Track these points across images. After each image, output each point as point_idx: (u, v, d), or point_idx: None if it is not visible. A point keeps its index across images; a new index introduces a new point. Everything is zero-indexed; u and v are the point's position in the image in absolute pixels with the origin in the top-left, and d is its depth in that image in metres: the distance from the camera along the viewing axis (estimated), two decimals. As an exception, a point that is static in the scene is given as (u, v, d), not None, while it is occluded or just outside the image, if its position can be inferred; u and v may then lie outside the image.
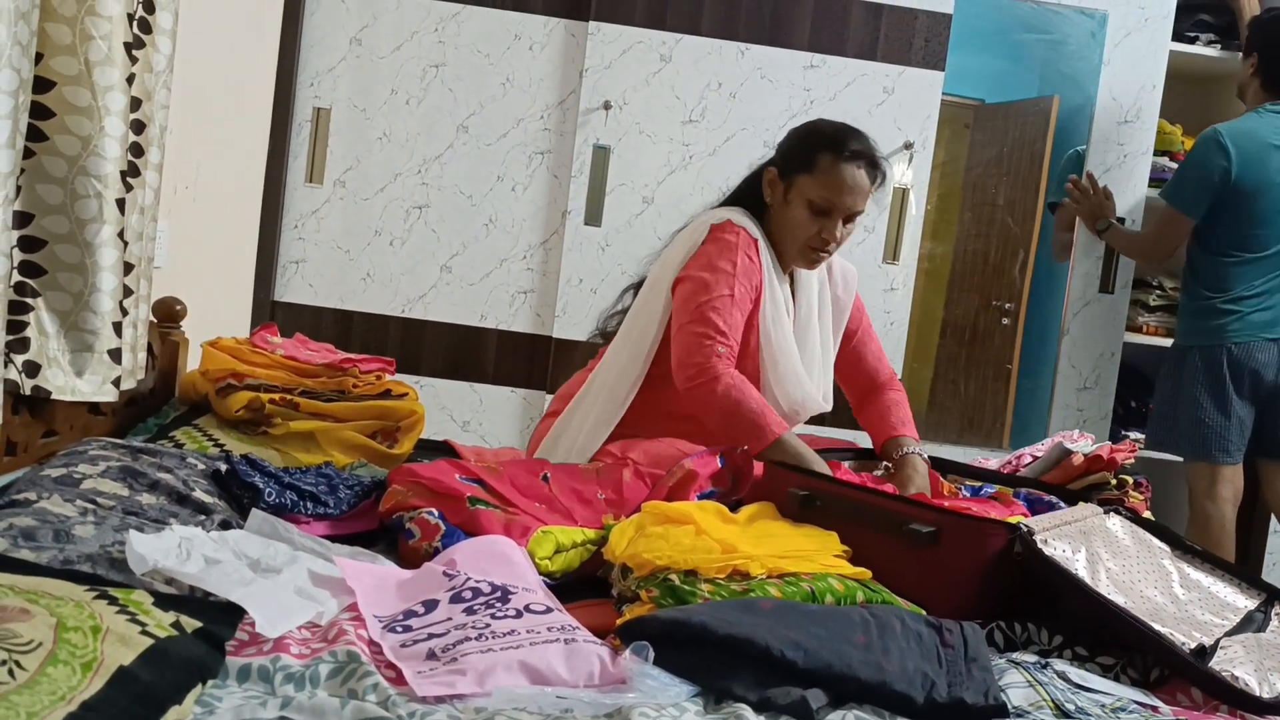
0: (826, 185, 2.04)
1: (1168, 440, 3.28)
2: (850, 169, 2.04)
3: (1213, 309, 3.12)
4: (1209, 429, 3.11)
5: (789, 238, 2.10)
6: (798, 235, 2.08)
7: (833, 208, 2.05)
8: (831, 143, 2.06)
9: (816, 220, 2.05)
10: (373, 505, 1.86)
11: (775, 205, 2.11)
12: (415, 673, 1.20)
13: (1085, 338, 3.66)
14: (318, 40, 3.51)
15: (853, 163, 2.04)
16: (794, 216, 2.07)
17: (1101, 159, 3.61)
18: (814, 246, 2.08)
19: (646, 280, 2.18)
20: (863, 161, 2.06)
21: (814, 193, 2.05)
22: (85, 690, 1.00)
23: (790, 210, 2.08)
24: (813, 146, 2.07)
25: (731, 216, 2.07)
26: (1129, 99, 3.59)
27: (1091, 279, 3.65)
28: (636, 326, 2.12)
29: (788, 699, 1.22)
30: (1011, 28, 3.88)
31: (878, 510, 1.68)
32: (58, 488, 1.54)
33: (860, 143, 2.07)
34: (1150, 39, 3.58)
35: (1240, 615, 1.58)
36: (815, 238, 2.07)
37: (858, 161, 2.05)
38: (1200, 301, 3.16)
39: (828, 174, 2.04)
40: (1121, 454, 2.18)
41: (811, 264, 2.13)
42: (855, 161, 2.05)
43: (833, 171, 2.04)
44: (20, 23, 1.68)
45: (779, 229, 2.11)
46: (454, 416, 3.60)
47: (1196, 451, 3.16)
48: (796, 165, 2.08)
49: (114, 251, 1.95)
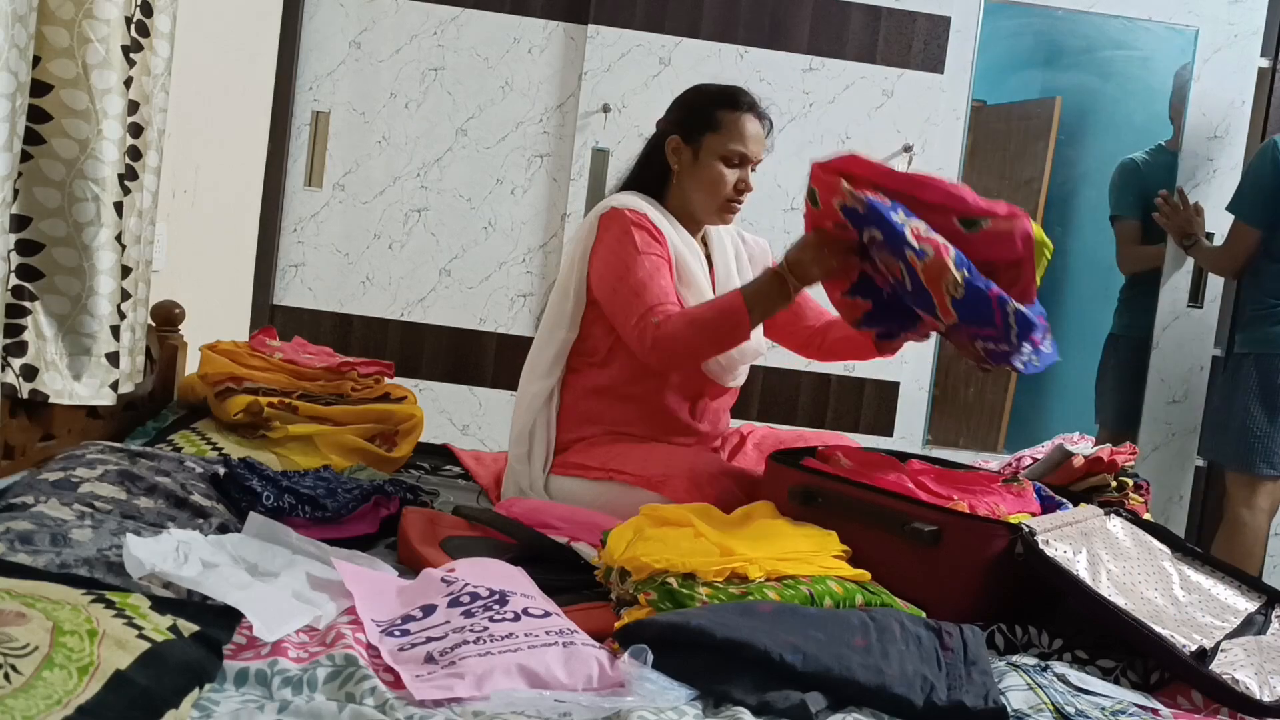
0: (735, 137, 2.13)
1: (1216, 447, 3.26)
2: (749, 119, 2.15)
3: (1271, 315, 3.09)
4: (1255, 439, 3.07)
5: (706, 196, 2.16)
6: (717, 190, 2.15)
7: (743, 157, 2.14)
8: (727, 99, 2.16)
9: (732, 172, 2.14)
10: (371, 509, 1.86)
11: (684, 169, 2.17)
12: (413, 676, 1.20)
13: (1175, 351, 3.67)
14: (317, 44, 3.51)
15: (750, 113, 2.15)
16: (710, 173, 2.14)
17: (1191, 174, 3.62)
18: (730, 198, 2.16)
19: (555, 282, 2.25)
20: (757, 112, 2.17)
21: (724, 147, 2.13)
22: (81, 694, 1.00)
23: (703, 169, 2.15)
24: (710, 106, 2.16)
25: (614, 202, 2.14)
26: (1218, 114, 3.61)
27: (1181, 293, 3.66)
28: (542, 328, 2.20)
29: (787, 702, 1.22)
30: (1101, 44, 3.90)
31: (879, 509, 1.68)
32: (55, 491, 1.54)
33: (750, 96, 2.18)
34: (1239, 55, 3.60)
35: (1240, 618, 1.58)
36: (731, 190, 2.15)
37: (754, 111, 2.16)
38: (1259, 308, 3.13)
39: (733, 127, 2.13)
40: (1121, 456, 2.18)
41: (728, 217, 2.20)
42: (751, 112, 2.16)
43: (737, 124, 2.13)
44: (18, 26, 1.68)
45: (692, 191, 2.17)
46: (453, 420, 3.60)
47: (1240, 461, 3.12)
48: (699, 126, 2.15)
49: (112, 255, 1.95)
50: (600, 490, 2.04)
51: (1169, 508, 3.70)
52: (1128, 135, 4.03)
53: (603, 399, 2.14)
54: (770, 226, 3.45)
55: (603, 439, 2.12)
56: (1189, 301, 3.66)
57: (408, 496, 1.94)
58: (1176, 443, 3.71)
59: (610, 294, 2.08)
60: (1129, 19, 3.68)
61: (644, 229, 2.09)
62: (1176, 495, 3.71)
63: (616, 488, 2.02)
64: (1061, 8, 3.68)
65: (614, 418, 2.13)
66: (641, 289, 2.03)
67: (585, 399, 2.16)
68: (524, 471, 2.15)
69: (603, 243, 2.10)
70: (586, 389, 2.16)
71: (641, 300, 2.03)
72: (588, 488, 2.06)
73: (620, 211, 2.11)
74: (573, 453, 2.13)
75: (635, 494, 1.94)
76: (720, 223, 2.22)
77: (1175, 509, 3.71)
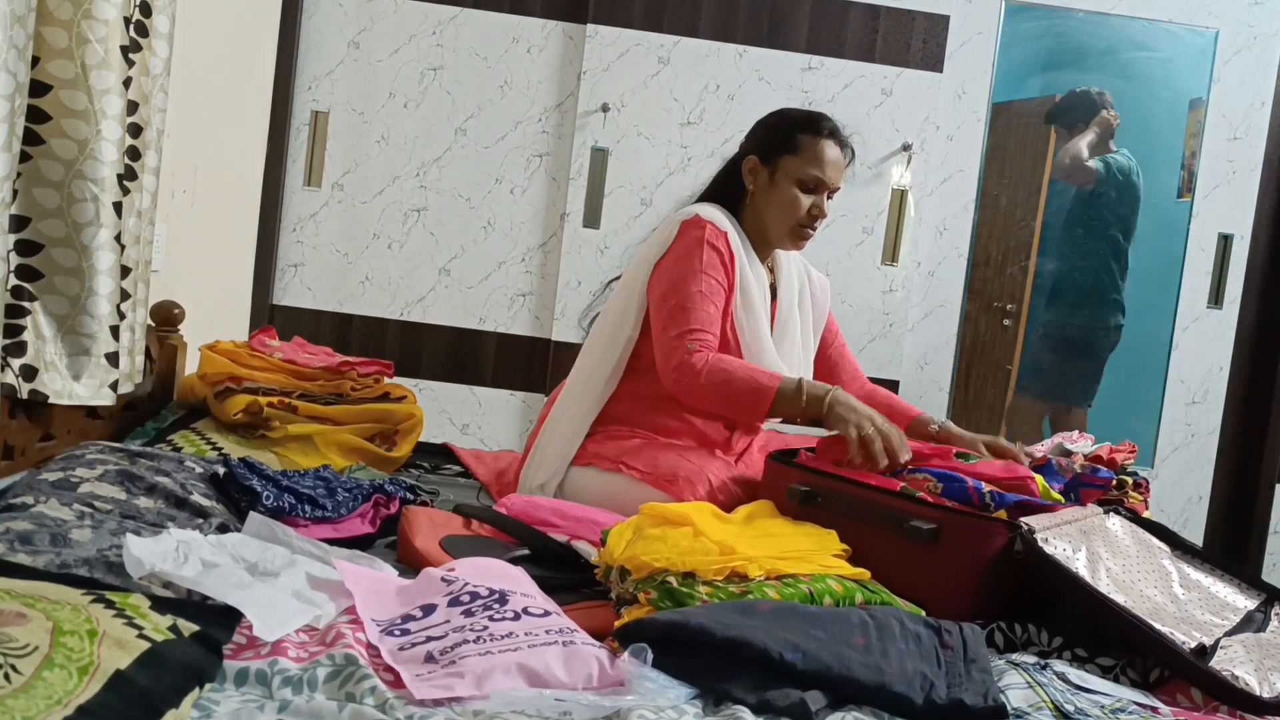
0: (813, 162, 2.12)
1: None
2: (831, 145, 2.14)
3: None
4: None
5: (778, 219, 2.15)
6: (789, 214, 2.14)
7: (820, 183, 2.13)
8: (808, 124, 2.16)
9: (806, 197, 2.13)
10: (371, 508, 1.85)
11: (760, 191, 2.17)
12: (413, 676, 1.19)
13: (1194, 352, 3.68)
14: (316, 44, 3.51)
15: (831, 139, 2.15)
16: (784, 196, 2.14)
17: (1211, 175, 3.63)
18: (803, 224, 2.15)
19: (621, 277, 2.22)
20: (838, 139, 2.16)
21: (801, 170, 2.13)
22: (81, 694, 1.00)
23: (778, 191, 2.14)
24: (790, 129, 2.16)
25: (700, 211, 2.12)
26: (1238, 116, 3.62)
27: (1200, 294, 3.67)
28: (608, 324, 2.17)
29: (786, 701, 1.22)
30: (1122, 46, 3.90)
31: (878, 507, 1.68)
32: (55, 491, 1.54)
33: (830, 121, 2.17)
34: (1260, 56, 3.62)
35: (1240, 615, 1.58)
36: (805, 215, 2.14)
37: (835, 138, 2.16)
38: None
39: (812, 151, 2.13)
40: (1121, 455, 2.18)
41: (799, 243, 2.19)
42: (833, 138, 2.15)
43: (816, 148, 2.13)
44: (16, 26, 1.68)
45: (765, 212, 2.17)
46: (453, 419, 3.60)
47: None
48: (778, 148, 2.15)
49: (111, 255, 1.95)
50: (609, 481, 2.03)
51: (1188, 508, 3.72)
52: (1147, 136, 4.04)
53: (641, 404, 2.13)
54: (769, 225, 3.46)
55: (625, 435, 2.11)
56: (1208, 303, 3.67)
57: (407, 496, 1.94)
58: (1196, 444, 3.72)
59: (659, 298, 2.07)
60: (1149, 20, 3.69)
61: (716, 249, 2.08)
62: (1196, 496, 3.72)
63: (624, 481, 2.00)
64: (1081, 10, 3.69)
65: (649, 424, 2.12)
66: (689, 307, 2.03)
67: (623, 402, 2.14)
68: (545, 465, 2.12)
69: (674, 249, 2.09)
70: (628, 394, 2.14)
71: (684, 318, 2.02)
72: (597, 478, 2.05)
73: (703, 223, 2.09)
74: (590, 443, 2.12)
75: (642, 490, 1.94)
76: (792, 247, 2.21)
77: (1194, 509, 3.72)
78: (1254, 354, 3.71)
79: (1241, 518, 3.68)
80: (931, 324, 3.70)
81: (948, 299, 3.70)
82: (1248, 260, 3.68)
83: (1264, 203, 3.68)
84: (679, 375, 2.00)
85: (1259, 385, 3.68)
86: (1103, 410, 3.94)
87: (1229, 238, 3.59)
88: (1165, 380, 3.70)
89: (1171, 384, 3.70)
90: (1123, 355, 4.03)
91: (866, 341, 3.57)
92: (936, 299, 3.69)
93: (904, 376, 3.64)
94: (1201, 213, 3.69)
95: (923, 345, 3.69)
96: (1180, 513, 3.71)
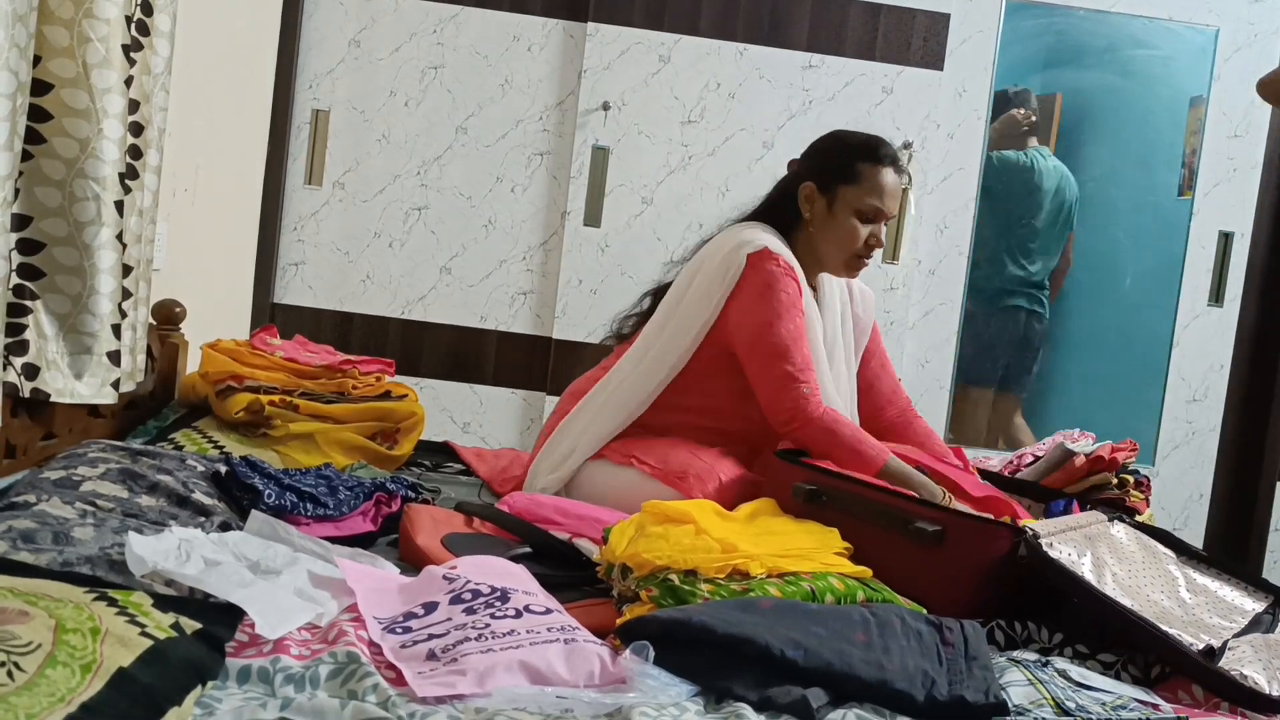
0: (872, 192, 2.08)
1: None
2: (890, 173, 2.10)
3: None
4: None
5: (835, 249, 2.11)
6: (846, 245, 2.10)
7: (879, 213, 2.09)
8: (867, 151, 2.11)
9: (865, 227, 2.09)
10: (372, 506, 1.86)
11: (817, 219, 2.12)
12: (415, 673, 1.20)
13: (1195, 350, 3.68)
14: (316, 42, 3.51)
15: (890, 167, 2.10)
16: (842, 227, 2.09)
17: (1211, 173, 3.63)
18: (860, 254, 2.12)
19: (671, 296, 2.13)
20: (897, 165, 2.12)
21: (861, 201, 2.08)
22: (84, 692, 1.00)
23: (836, 221, 2.10)
24: (849, 157, 2.11)
25: (767, 243, 2.04)
26: (1239, 113, 3.62)
27: (1201, 292, 3.67)
28: (657, 346, 2.09)
29: (788, 698, 1.22)
30: (1123, 44, 3.91)
31: (883, 507, 1.68)
32: (57, 490, 1.54)
33: (889, 147, 2.13)
34: (1260, 54, 3.63)
35: (1248, 618, 1.58)
36: (863, 246, 2.10)
37: (894, 165, 2.11)
38: None
39: (871, 180, 2.08)
40: (1122, 454, 2.18)
41: (854, 272, 2.16)
42: (892, 165, 2.11)
43: (876, 178, 2.08)
44: (18, 25, 1.68)
45: (822, 242, 2.12)
46: (454, 418, 3.60)
47: None
48: (836, 177, 2.10)
49: (113, 254, 1.95)
50: (619, 475, 2.02)
51: (1189, 506, 3.72)
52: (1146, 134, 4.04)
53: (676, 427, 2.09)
54: (770, 224, 3.45)
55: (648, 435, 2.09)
56: (1209, 301, 3.67)
57: (409, 494, 1.94)
58: (1196, 441, 3.72)
59: (750, 339, 2.00)
60: (1149, 18, 3.69)
61: (795, 282, 2.02)
62: (1197, 494, 3.72)
63: (635, 476, 1.99)
64: (1081, 8, 3.69)
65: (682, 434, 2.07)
66: (790, 346, 1.97)
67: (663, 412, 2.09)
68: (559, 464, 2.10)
69: (750, 284, 2.01)
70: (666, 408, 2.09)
71: (788, 358, 1.96)
72: (607, 471, 2.04)
73: (774, 255, 2.03)
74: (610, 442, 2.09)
75: (651, 485, 1.93)
76: (846, 276, 2.18)
77: (1195, 507, 3.72)
78: (1254, 352, 3.71)
79: (1242, 516, 3.68)
80: (932, 322, 3.70)
81: (948, 297, 3.70)
82: (1248, 258, 3.68)
83: (1264, 201, 3.68)
84: (790, 418, 1.94)
85: (1260, 383, 3.68)
86: (1103, 408, 3.94)
87: (1229, 235, 3.59)
88: (1166, 378, 3.70)
89: (1172, 382, 3.70)
90: (1123, 353, 4.04)
91: (867, 340, 3.57)
92: (937, 297, 3.69)
93: (905, 374, 3.63)
94: (1202, 211, 3.69)
95: (924, 343, 3.69)
96: (1181, 511, 3.71)
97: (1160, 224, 3.86)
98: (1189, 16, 3.64)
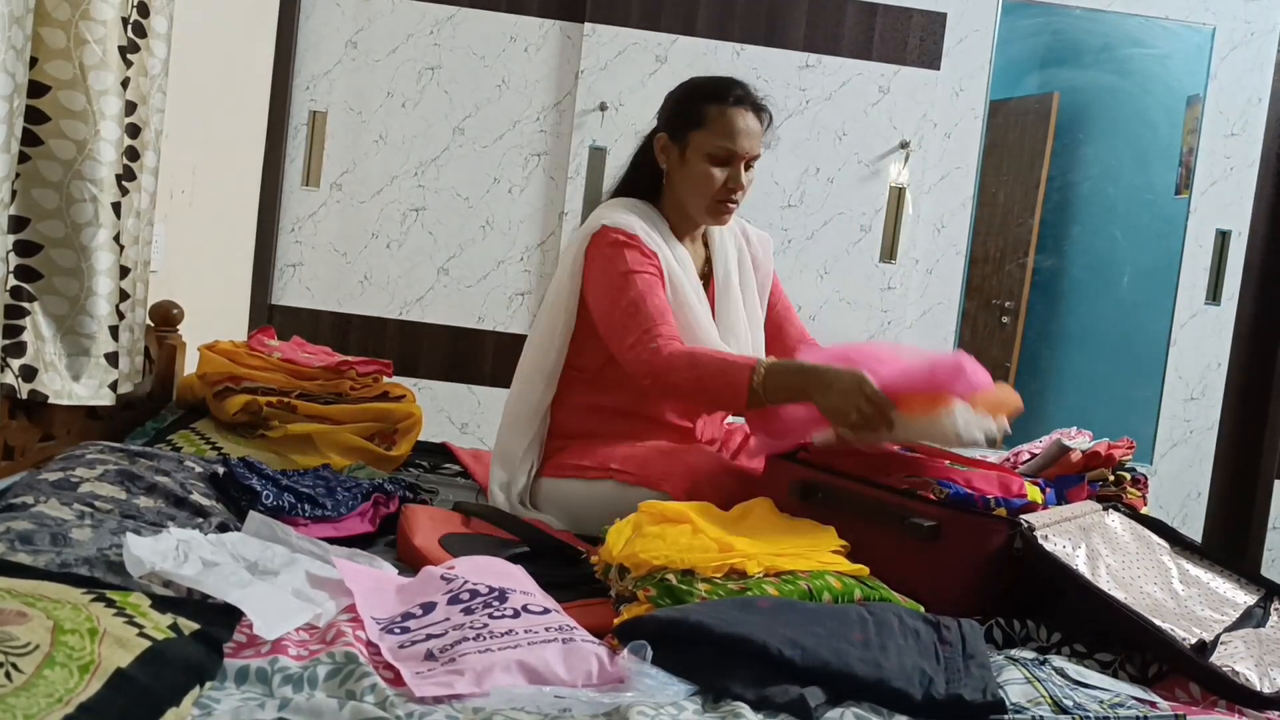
0: (721, 133, 2.04)
1: None
2: (739, 113, 2.05)
3: None
4: None
5: (696, 195, 2.08)
6: (704, 190, 2.07)
7: (732, 155, 2.04)
8: (715, 93, 2.07)
9: (720, 171, 2.05)
10: (370, 507, 1.86)
11: (672, 168, 2.10)
12: (413, 673, 1.20)
13: (1192, 348, 3.69)
14: (313, 44, 3.51)
15: (739, 107, 2.05)
16: (696, 172, 2.06)
17: (1208, 171, 3.64)
18: (720, 199, 2.07)
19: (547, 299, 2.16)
20: (749, 104, 2.07)
21: (710, 144, 2.04)
22: (82, 692, 1.00)
23: (690, 168, 2.07)
24: (697, 101, 2.07)
25: (607, 221, 2.04)
26: (1235, 112, 3.62)
27: (1198, 290, 3.67)
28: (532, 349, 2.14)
29: (786, 697, 1.22)
30: (1120, 43, 3.92)
31: (879, 503, 1.68)
32: (55, 491, 1.54)
33: (741, 88, 2.08)
34: (1256, 53, 3.63)
35: (1240, 611, 1.58)
36: (722, 189, 2.06)
37: (744, 105, 2.06)
38: None
39: (719, 123, 2.04)
40: (1119, 450, 2.18)
41: (720, 218, 2.12)
42: (742, 105, 2.06)
43: (723, 119, 2.04)
44: (14, 27, 1.68)
45: (682, 190, 2.10)
46: (452, 418, 3.60)
47: None
48: (686, 123, 2.07)
49: (110, 255, 1.95)
50: (596, 490, 2.00)
51: (1187, 504, 3.72)
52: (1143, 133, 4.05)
53: (599, 415, 2.10)
54: (768, 224, 3.46)
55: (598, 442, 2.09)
56: (1206, 299, 3.67)
57: (407, 495, 1.94)
58: (1194, 439, 3.72)
59: (604, 315, 2.02)
60: (1146, 17, 3.69)
61: (635, 247, 2.02)
62: (1195, 492, 3.73)
63: (615, 486, 1.98)
64: (1078, 6, 3.70)
65: (611, 432, 2.09)
66: (635, 309, 1.97)
67: (579, 414, 2.11)
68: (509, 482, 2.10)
69: (594, 262, 2.03)
70: (581, 405, 2.11)
71: (637, 321, 1.96)
72: (583, 487, 2.02)
73: (608, 231, 2.03)
74: (568, 454, 2.08)
75: (634, 493, 1.90)
76: (715, 224, 2.15)
77: (1193, 505, 3.73)
78: (1252, 350, 3.71)
79: (1240, 513, 3.69)
80: (930, 321, 3.70)
81: (946, 296, 3.70)
82: (1245, 256, 3.69)
83: (1261, 199, 3.68)
84: (646, 372, 1.94)
85: (1257, 381, 3.69)
86: (1101, 407, 3.95)
87: (1226, 234, 3.59)
88: (1164, 376, 3.71)
89: (1170, 380, 3.70)
90: (1121, 351, 4.04)
91: (865, 339, 3.57)
92: (935, 297, 3.69)
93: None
94: (1199, 209, 3.69)
95: (921, 343, 3.69)
96: (1179, 509, 3.72)
97: (1157, 223, 3.86)
98: (1185, 15, 3.65)
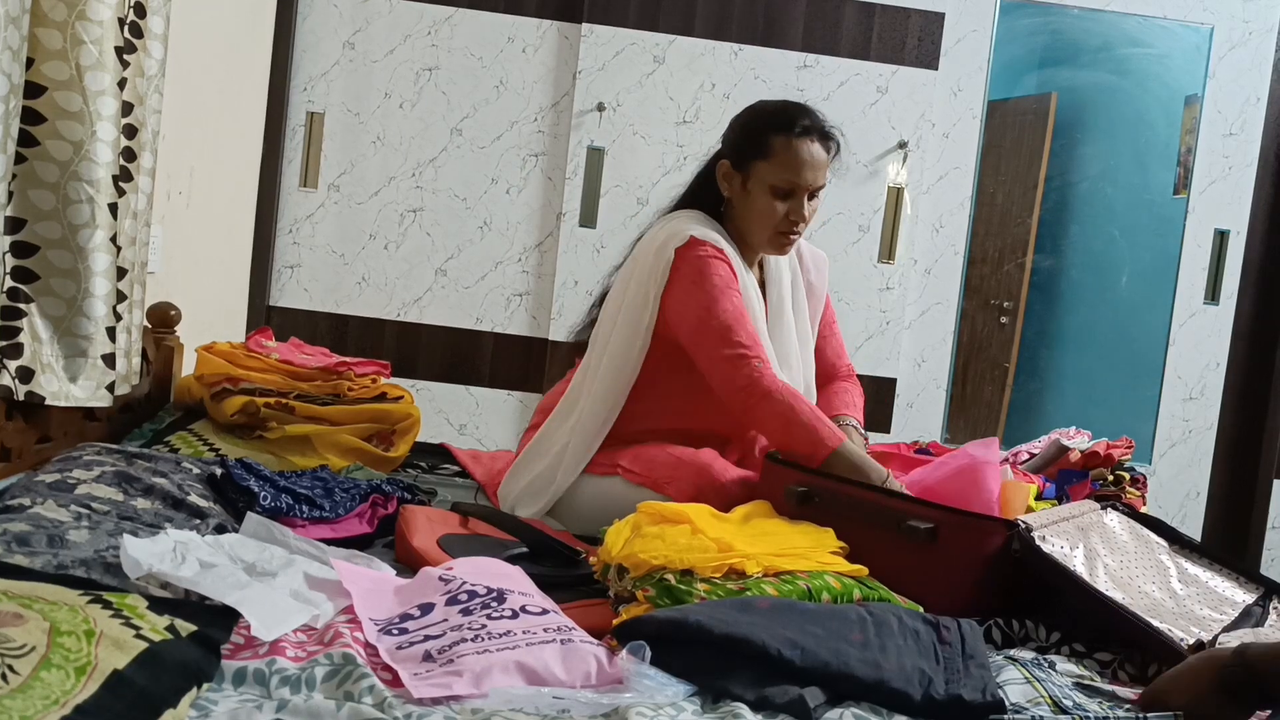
0: (785, 166, 1.99)
1: None
2: (805, 145, 1.99)
3: None
4: None
5: (756, 227, 2.04)
6: (765, 222, 2.02)
7: (795, 188, 2.00)
8: (781, 123, 2.01)
9: (782, 204, 2.01)
10: (368, 508, 1.85)
11: (735, 197, 2.06)
12: (411, 674, 1.20)
13: (1191, 348, 3.69)
14: (311, 45, 3.51)
15: (806, 138, 2.00)
16: (758, 204, 2.02)
17: (1207, 171, 3.64)
18: (783, 231, 2.03)
19: (611, 302, 2.10)
20: (815, 135, 2.01)
21: (774, 176, 1.99)
22: (79, 694, 1.00)
23: (753, 199, 2.03)
24: (762, 130, 2.02)
25: (692, 231, 1.99)
26: (1233, 112, 3.63)
27: (1197, 289, 3.68)
28: (607, 355, 2.06)
29: (785, 698, 1.22)
30: (1118, 42, 3.92)
31: (876, 507, 1.68)
32: (52, 493, 1.54)
33: (809, 117, 2.03)
34: (1254, 53, 3.63)
35: (1238, 610, 1.58)
36: (784, 221, 2.02)
37: (810, 136, 2.01)
38: None
39: (784, 155, 1.99)
40: (1118, 450, 2.18)
41: (783, 249, 2.08)
42: (808, 136, 2.00)
43: (788, 151, 1.99)
44: (10, 28, 1.68)
45: (743, 220, 2.06)
46: (450, 419, 3.60)
47: None
48: (750, 153, 2.02)
49: (107, 257, 1.95)
50: (603, 485, 2.00)
51: (1186, 503, 3.73)
52: (1141, 132, 4.05)
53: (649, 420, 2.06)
54: (766, 224, 3.45)
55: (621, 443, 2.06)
56: (1205, 298, 3.67)
57: (405, 496, 1.94)
58: (1193, 439, 3.72)
59: (697, 322, 1.95)
60: (1144, 17, 3.69)
61: (724, 262, 1.98)
62: (1194, 491, 3.73)
63: (620, 484, 1.98)
64: (1076, 6, 3.70)
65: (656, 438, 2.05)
66: (732, 325, 1.92)
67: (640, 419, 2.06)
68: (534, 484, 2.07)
69: (681, 271, 1.97)
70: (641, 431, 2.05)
71: (737, 337, 1.91)
72: (590, 481, 2.02)
73: (700, 243, 1.98)
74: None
75: (638, 492, 1.90)
76: (776, 254, 2.09)
77: (1192, 505, 3.73)
78: (1251, 349, 3.71)
79: (1239, 513, 3.69)
80: (928, 321, 3.70)
81: (944, 296, 3.70)
82: (1244, 256, 3.69)
83: (1260, 198, 3.68)
84: (748, 393, 1.89)
85: (1256, 380, 3.69)
86: (1100, 406, 3.95)
87: (1225, 233, 3.60)
88: (1163, 376, 3.71)
89: (1169, 380, 3.71)
90: (1120, 351, 4.04)
91: (864, 339, 3.57)
92: (933, 297, 3.69)
93: (901, 374, 3.64)
94: (1197, 209, 3.69)
95: (920, 343, 3.69)
96: (1178, 508, 3.72)
97: (1156, 222, 3.86)
98: (1183, 15, 3.65)
